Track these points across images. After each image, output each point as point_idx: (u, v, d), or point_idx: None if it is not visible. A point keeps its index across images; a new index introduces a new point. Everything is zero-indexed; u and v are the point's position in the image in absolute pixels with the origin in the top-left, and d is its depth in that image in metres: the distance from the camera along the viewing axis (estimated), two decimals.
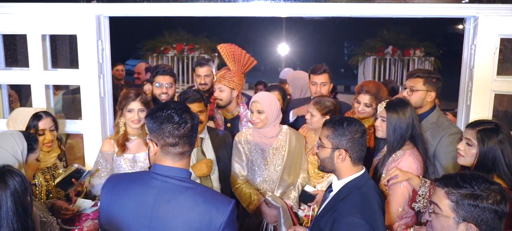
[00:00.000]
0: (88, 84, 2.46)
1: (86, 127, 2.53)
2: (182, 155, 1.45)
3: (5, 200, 1.33)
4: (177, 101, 1.57)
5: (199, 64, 3.34)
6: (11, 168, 1.41)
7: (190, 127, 1.45)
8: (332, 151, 1.64)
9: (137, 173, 1.56)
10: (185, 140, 1.44)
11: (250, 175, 2.56)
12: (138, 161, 2.53)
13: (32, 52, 2.43)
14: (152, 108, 1.54)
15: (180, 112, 1.44)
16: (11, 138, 1.78)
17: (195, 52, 9.24)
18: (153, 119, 1.45)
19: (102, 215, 1.49)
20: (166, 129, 1.41)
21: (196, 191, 1.42)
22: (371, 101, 2.65)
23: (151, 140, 1.48)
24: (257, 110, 2.45)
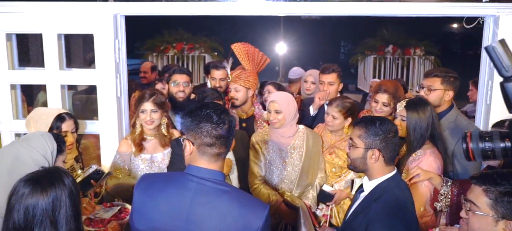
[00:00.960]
0: (105, 84, 2.43)
1: (102, 127, 2.49)
2: (218, 156, 1.44)
3: (65, 201, 1.32)
4: (216, 102, 1.56)
5: (215, 67, 3.30)
6: (64, 169, 1.40)
7: (227, 128, 1.44)
8: (365, 151, 1.64)
9: (171, 174, 1.54)
10: (222, 141, 1.43)
11: (268, 175, 2.54)
12: (155, 161, 2.51)
13: (48, 52, 2.39)
14: (190, 106, 1.51)
15: (219, 113, 1.43)
16: (41, 139, 1.75)
17: (195, 51, 9.20)
18: (191, 118, 1.44)
19: (135, 215, 1.46)
20: (204, 129, 1.40)
21: (232, 195, 1.41)
22: (389, 100, 2.65)
23: (187, 140, 1.46)
24: (275, 110, 2.44)
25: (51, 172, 1.38)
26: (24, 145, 1.73)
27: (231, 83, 2.82)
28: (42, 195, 1.30)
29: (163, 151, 2.54)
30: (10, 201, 1.32)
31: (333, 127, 2.58)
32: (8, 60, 2.42)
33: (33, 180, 1.34)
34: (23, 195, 1.31)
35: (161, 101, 2.45)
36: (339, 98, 2.61)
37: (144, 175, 1.57)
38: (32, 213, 1.29)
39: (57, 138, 1.83)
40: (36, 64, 2.87)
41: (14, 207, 1.30)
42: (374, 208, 1.57)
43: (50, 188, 1.32)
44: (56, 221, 1.31)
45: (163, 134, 2.53)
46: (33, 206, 1.29)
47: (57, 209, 1.32)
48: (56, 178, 1.35)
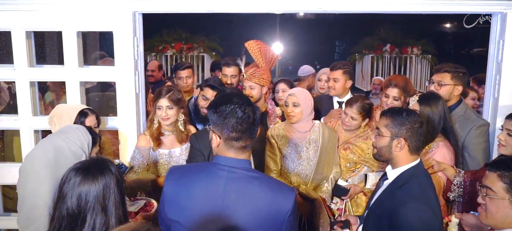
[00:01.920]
0: (124, 80, 2.47)
1: (122, 123, 2.53)
2: (244, 148, 1.50)
3: (113, 188, 1.38)
4: (239, 94, 1.61)
5: (226, 64, 3.36)
6: (108, 159, 1.46)
7: (252, 121, 1.49)
8: (390, 140, 1.71)
9: (201, 164, 1.60)
10: (247, 134, 1.48)
11: (284, 168, 2.61)
12: (173, 156, 2.56)
13: (68, 49, 2.42)
14: (214, 100, 1.57)
15: (243, 107, 1.47)
16: (78, 131, 1.81)
17: (194, 51, 9.22)
18: (216, 113, 1.49)
19: (168, 206, 1.51)
20: (229, 124, 1.45)
21: (262, 180, 1.48)
22: (400, 94, 2.73)
23: (214, 132, 1.52)
24: (293, 102, 2.50)
25: (99, 161, 1.43)
26: (62, 138, 1.79)
27: (245, 81, 2.88)
28: (93, 183, 1.36)
29: (181, 146, 2.59)
30: (61, 189, 1.37)
31: (351, 127, 2.64)
32: (27, 58, 2.45)
33: (83, 169, 1.39)
34: (75, 183, 1.36)
35: (177, 97, 2.50)
36: (359, 99, 2.63)
37: (172, 167, 1.62)
38: (84, 200, 1.35)
39: (90, 131, 1.88)
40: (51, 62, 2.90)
41: (67, 194, 1.35)
42: (399, 194, 1.64)
43: (100, 176, 1.38)
44: (107, 208, 1.37)
45: (181, 130, 2.58)
46: (85, 193, 1.35)
47: (107, 196, 1.38)
48: (105, 167, 1.41)
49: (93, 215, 1.34)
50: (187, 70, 3.58)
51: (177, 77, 3.54)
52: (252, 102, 1.55)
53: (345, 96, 3.15)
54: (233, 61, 3.29)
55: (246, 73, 2.89)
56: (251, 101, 1.54)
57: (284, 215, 1.44)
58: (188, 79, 3.55)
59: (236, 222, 1.42)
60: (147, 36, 10.46)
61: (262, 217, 1.43)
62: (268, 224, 1.43)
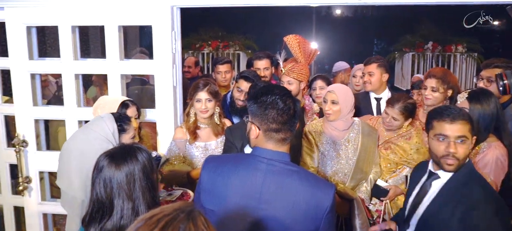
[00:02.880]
0: (162, 74, 2.49)
1: (159, 115, 2.56)
2: (284, 140, 1.46)
3: (138, 174, 1.37)
4: (280, 86, 1.58)
5: (258, 57, 3.35)
6: (140, 146, 1.46)
7: (292, 113, 1.44)
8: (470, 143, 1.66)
9: (239, 155, 1.57)
10: (288, 126, 1.44)
11: (321, 166, 2.53)
12: (209, 149, 2.55)
13: (109, 43, 2.48)
14: (255, 91, 1.53)
15: (284, 98, 1.43)
16: (101, 121, 1.83)
17: (230, 49, 9.27)
18: (257, 104, 1.45)
19: (204, 195, 1.49)
20: (270, 115, 1.41)
21: (301, 174, 1.43)
22: (438, 85, 2.57)
23: (253, 123, 1.48)
24: (332, 100, 2.41)
25: (126, 149, 1.44)
26: (89, 128, 1.82)
27: (283, 76, 2.82)
28: (116, 170, 1.37)
29: (216, 139, 2.58)
30: (93, 174, 1.38)
31: (392, 127, 2.52)
32: (72, 51, 2.53)
33: (109, 155, 1.41)
34: (102, 168, 1.38)
35: (215, 90, 2.50)
36: (401, 99, 2.50)
37: (210, 156, 1.60)
38: (109, 186, 1.36)
39: (118, 118, 1.90)
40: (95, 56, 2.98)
41: (96, 179, 1.37)
42: (467, 194, 1.55)
43: (123, 163, 1.38)
44: (132, 194, 1.36)
45: (216, 123, 2.58)
46: (109, 179, 1.36)
47: (131, 182, 1.37)
48: (130, 154, 1.41)
49: (119, 201, 1.35)
50: (226, 64, 3.58)
51: (216, 71, 3.55)
52: (292, 94, 1.50)
53: (382, 91, 3.02)
54: (264, 53, 3.26)
55: (285, 68, 2.83)
56: (291, 94, 1.50)
57: (322, 211, 1.39)
58: (227, 73, 3.55)
59: (273, 215, 1.38)
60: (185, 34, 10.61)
61: (301, 212, 1.38)
62: (306, 219, 1.38)
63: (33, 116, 2.61)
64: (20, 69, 2.53)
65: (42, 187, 2.79)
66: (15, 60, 2.53)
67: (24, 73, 2.54)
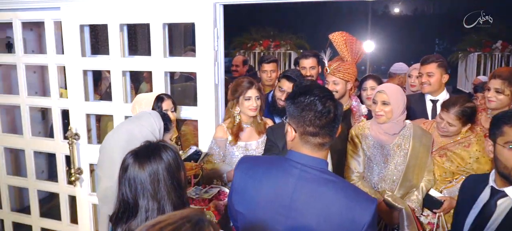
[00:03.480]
0: (204, 71, 2.47)
1: (201, 113, 2.54)
2: (322, 146, 1.33)
3: (162, 174, 1.33)
4: (321, 86, 1.46)
5: (303, 56, 3.23)
6: (166, 144, 1.42)
7: (332, 117, 1.31)
8: None
9: (273, 158, 1.47)
10: (326, 130, 1.31)
11: (367, 172, 2.36)
12: (249, 149, 2.49)
13: (154, 40, 2.51)
14: (293, 90, 1.43)
15: (324, 100, 1.30)
16: (150, 117, 1.83)
17: (281, 48, 9.18)
18: (294, 104, 1.35)
19: (235, 196, 1.43)
20: (307, 117, 1.30)
21: (337, 185, 1.29)
22: (504, 87, 2.29)
23: (290, 125, 1.38)
24: (382, 101, 2.23)
25: (150, 147, 1.39)
26: (136, 123, 1.82)
27: (329, 76, 2.67)
28: (140, 169, 1.33)
29: (258, 139, 2.51)
30: (120, 173, 1.37)
31: (448, 133, 2.29)
32: (120, 49, 2.59)
33: (135, 154, 1.37)
34: (127, 166, 1.35)
35: (260, 87, 2.45)
36: (459, 102, 2.25)
37: (244, 156, 1.52)
38: (134, 186, 1.32)
39: (163, 116, 1.89)
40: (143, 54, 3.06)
41: (122, 179, 1.35)
42: None
43: (146, 162, 1.33)
44: (157, 194, 1.32)
45: (258, 122, 2.51)
46: (133, 178, 1.32)
47: (154, 182, 1.32)
48: (154, 153, 1.36)
49: (144, 201, 1.30)
50: (272, 64, 3.51)
51: (262, 70, 3.49)
52: (335, 97, 1.38)
53: (440, 93, 2.75)
54: (311, 52, 3.13)
55: (330, 67, 2.68)
56: (333, 95, 1.37)
57: (359, 228, 1.24)
58: (272, 73, 3.47)
59: (304, 226, 1.27)
60: (236, 34, 10.67)
61: (334, 225, 1.25)
62: None
63: (84, 110, 2.72)
64: (74, 65, 2.65)
65: (92, 179, 2.91)
66: (69, 57, 2.65)
67: (77, 70, 2.65)
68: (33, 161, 3.09)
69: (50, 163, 4.19)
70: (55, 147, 2.97)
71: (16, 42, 2.87)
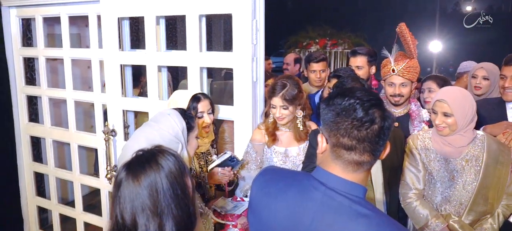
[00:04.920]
0: (241, 67, 2.21)
1: (237, 113, 2.29)
2: (359, 165, 1.00)
3: (161, 183, 1.08)
4: (367, 90, 1.12)
5: (353, 54, 2.84)
6: (163, 148, 1.18)
7: (376, 130, 0.97)
8: None
9: (295, 174, 1.15)
10: (366, 146, 0.98)
11: (428, 190, 1.94)
12: (289, 155, 2.19)
13: (190, 33, 2.31)
14: (332, 92, 1.10)
15: (367, 106, 0.97)
16: (169, 118, 1.60)
17: (338, 47, 8.68)
18: (328, 107, 1.02)
19: (250, 216, 1.16)
20: (342, 125, 0.98)
21: (373, 221, 0.94)
22: None
23: (322, 134, 1.07)
24: (443, 112, 1.80)
25: (145, 155, 1.15)
26: (155, 128, 1.60)
27: (394, 77, 2.23)
28: (135, 182, 1.09)
29: (299, 145, 2.20)
30: (113, 190, 1.14)
31: None
32: (157, 43, 2.43)
33: (127, 166, 1.13)
34: (121, 182, 1.11)
35: (292, 95, 2.07)
36: None
37: (266, 167, 1.23)
38: (130, 203, 1.08)
39: (184, 114, 1.66)
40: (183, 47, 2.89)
41: (116, 196, 1.11)
42: None
43: (142, 174, 1.09)
44: (157, 209, 1.07)
45: (299, 128, 2.20)
46: (128, 195, 1.08)
47: (153, 195, 1.08)
48: (150, 161, 1.11)
49: (143, 218, 1.06)
50: (322, 62, 3.16)
51: (310, 69, 3.15)
52: (384, 105, 1.03)
53: None
54: (363, 49, 2.74)
55: (397, 67, 2.24)
56: (381, 102, 1.02)
57: None
58: (322, 73, 3.12)
59: None
60: (291, 32, 10.34)
61: None
62: None
63: (121, 106, 2.60)
64: (111, 59, 2.54)
65: None
66: (107, 51, 2.55)
67: (114, 64, 2.54)
68: (78, 155, 3.07)
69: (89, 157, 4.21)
70: (97, 142, 2.90)
71: (63, 36, 2.85)
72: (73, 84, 2.91)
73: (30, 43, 3.42)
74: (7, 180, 3.32)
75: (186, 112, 1.76)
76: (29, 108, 3.36)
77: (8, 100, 3.23)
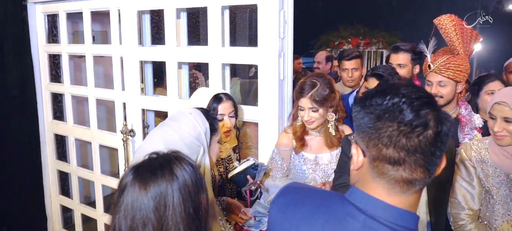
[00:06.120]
0: (266, 64, 1.97)
1: (261, 114, 2.05)
2: (409, 185, 0.74)
3: (172, 196, 0.88)
4: (415, 85, 0.84)
5: (394, 50, 2.52)
6: (180, 155, 0.97)
7: (432, 136, 0.71)
8: None
9: (325, 196, 0.89)
10: (419, 159, 0.72)
11: (485, 211, 1.61)
12: (320, 163, 1.93)
13: (212, 27, 2.09)
14: (368, 90, 0.84)
15: (417, 105, 0.71)
16: (191, 117, 1.38)
17: (372, 47, 8.26)
18: (364, 109, 0.76)
19: None
20: (384, 131, 0.72)
21: None
22: None
23: (357, 145, 0.81)
24: (504, 117, 1.48)
25: (158, 160, 0.94)
26: (174, 128, 1.37)
27: (431, 75, 1.93)
28: (142, 189, 0.88)
29: (330, 152, 1.93)
30: (116, 194, 0.94)
31: None
32: (177, 38, 2.23)
33: (136, 169, 0.93)
34: (125, 186, 0.91)
35: (323, 95, 1.80)
36: None
37: (290, 185, 0.98)
38: (131, 213, 0.88)
39: (207, 115, 1.44)
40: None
41: (118, 202, 0.91)
42: None
43: (152, 181, 0.89)
44: (162, 228, 0.87)
45: (330, 133, 1.93)
46: (132, 203, 0.88)
47: (160, 209, 0.88)
48: (163, 168, 0.91)
49: None
50: (354, 60, 2.85)
51: (342, 68, 2.86)
52: (438, 104, 0.75)
53: None
54: (406, 45, 2.42)
55: (434, 63, 1.95)
56: (434, 100, 0.75)
57: None
58: (355, 71, 2.81)
59: None
60: (323, 31, 9.95)
61: None
62: None
63: (140, 105, 2.43)
64: (130, 55, 2.37)
65: None
66: (126, 46, 2.38)
67: (133, 60, 2.37)
68: (99, 155, 2.94)
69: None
70: (117, 142, 2.76)
71: (85, 32, 2.72)
72: (96, 82, 2.78)
73: (56, 40, 3.35)
74: (32, 177, 3.26)
75: (209, 112, 1.54)
76: (54, 105, 3.28)
77: (33, 97, 3.16)
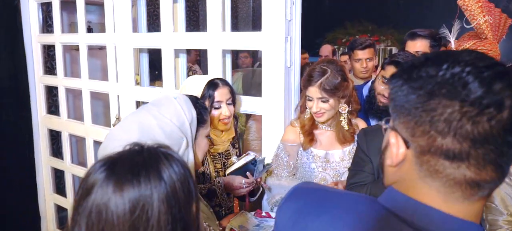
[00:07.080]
0: (271, 49, 1.74)
1: (265, 106, 1.82)
2: (474, 188, 0.52)
3: (156, 206, 0.66)
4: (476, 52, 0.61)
5: (411, 37, 2.30)
6: (169, 151, 0.74)
7: (509, 121, 0.48)
8: None
9: (351, 200, 0.65)
10: (491, 151, 0.49)
11: None
12: (331, 160, 1.70)
13: (211, 10, 1.87)
14: (413, 59, 0.60)
15: (488, 76, 0.49)
16: (175, 102, 1.16)
17: (381, 44, 7.99)
18: (408, 83, 0.53)
19: None
20: (441, 114, 0.49)
21: None
22: None
23: (396, 131, 0.57)
24: None
25: (141, 154, 0.71)
26: (152, 112, 1.15)
27: None
28: (116, 190, 0.66)
29: (343, 148, 1.71)
30: (77, 194, 0.71)
31: None
32: (174, 24, 2.02)
33: (110, 164, 0.70)
34: (93, 185, 0.68)
35: (334, 84, 1.57)
36: None
37: (301, 185, 0.74)
38: (97, 218, 0.66)
39: (195, 102, 1.22)
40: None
41: (80, 205, 0.69)
42: None
43: (129, 183, 0.66)
44: None
45: (343, 127, 1.70)
46: (99, 209, 0.66)
47: (137, 219, 0.65)
48: (146, 166, 0.68)
49: None
50: (368, 49, 2.61)
51: (354, 58, 2.62)
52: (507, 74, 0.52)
53: None
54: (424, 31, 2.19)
55: (458, 47, 1.72)
56: (509, 72, 0.51)
57: None
58: (369, 62, 2.57)
59: None
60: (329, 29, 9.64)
61: None
62: None
63: (134, 97, 2.22)
64: (123, 43, 2.17)
65: None
66: (119, 33, 2.17)
67: (126, 48, 2.16)
68: (93, 151, 2.73)
69: None
70: None
71: (79, 21, 2.52)
72: (94, 76, 2.58)
73: (51, 30, 3.15)
74: (24, 174, 3.08)
75: (198, 101, 1.33)
76: (49, 99, 3.10)
77: (26, 90, 2.98)
